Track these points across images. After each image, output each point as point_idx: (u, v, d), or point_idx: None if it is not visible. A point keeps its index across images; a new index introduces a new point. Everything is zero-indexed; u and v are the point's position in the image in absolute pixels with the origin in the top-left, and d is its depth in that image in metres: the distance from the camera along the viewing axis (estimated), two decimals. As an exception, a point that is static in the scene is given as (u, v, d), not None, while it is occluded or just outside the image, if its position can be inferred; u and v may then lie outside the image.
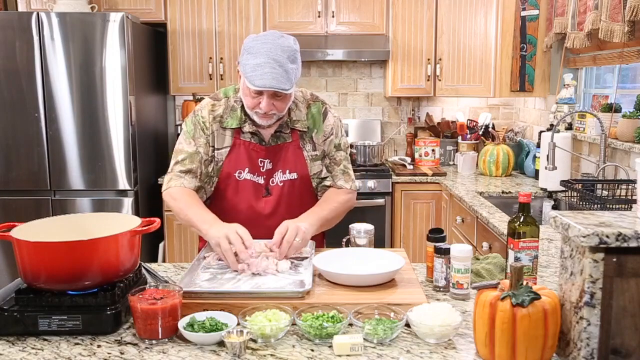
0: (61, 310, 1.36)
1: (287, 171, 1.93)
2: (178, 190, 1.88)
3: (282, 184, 1.93)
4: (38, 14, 3.35)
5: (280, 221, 1.76)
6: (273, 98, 1.78)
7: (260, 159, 1.91)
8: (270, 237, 1.74)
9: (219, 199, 1.94)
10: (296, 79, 1.79)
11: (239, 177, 1.91)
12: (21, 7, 3.86)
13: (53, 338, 1.36)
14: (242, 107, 1.90)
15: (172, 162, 1.94)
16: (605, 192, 2.67)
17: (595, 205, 2.50)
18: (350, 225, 1.88)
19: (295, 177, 1.94)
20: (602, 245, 1.12)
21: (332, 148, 2.00)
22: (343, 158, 2.02)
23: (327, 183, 2.01)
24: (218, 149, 1.92)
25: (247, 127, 1.90)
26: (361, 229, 1.84)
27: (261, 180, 1.92)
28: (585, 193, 2.59)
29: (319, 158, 1.98)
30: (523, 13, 3.82)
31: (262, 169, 1.92)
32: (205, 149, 1.91)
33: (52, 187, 3.49)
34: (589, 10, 2.96)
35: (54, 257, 1.36)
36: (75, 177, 3.48)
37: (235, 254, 1.63)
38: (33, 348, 1.31)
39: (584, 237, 1.13)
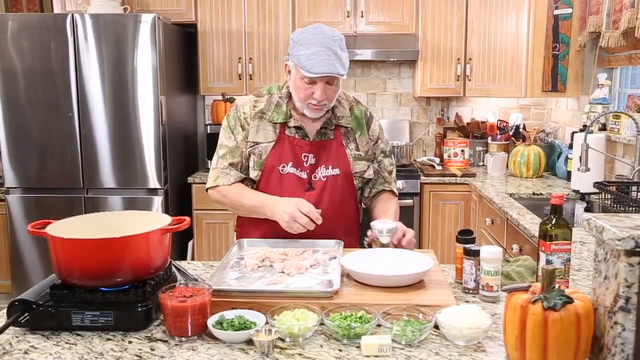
0: (94, 306, 1.38)
1: (330, 167, 1.97)
2: (226, 188, 1.96)
3: (325, 179, 1.97)
4: (73, 15, 3.42)
5: (322, 215, 1.80)
6: (326, 86, 1.84)
7: (304, 154, 1.95)
8: (312, 232, 1.80)
9: (262, 192, 1.97)
10: (347, 66, 1.86)
11: (282, 170, 1.95)
12: (56, 9, 3.95)
13: (86, 333, 1.38)
14: (288, 102, 1.95)
15: (215, 157, 2.02)
16: (640, 195, 2.61)
17: (630, 208, 2.45)
18: (371, 223, 1.85)
19: (338, 173, 1.98)
20: (637, 249, 1.10)
21: (380, 154, 2.08)
22: (392, 165, 2.12)
23: (386, 188, 2.08)
24: (260, 144, 1.95)
25: (292, 122, 1.95)
26: (383, 228, 1.81)
27: (304, 175, 1.96)
28: (619, 195, 2.54)
29: (363, 159, 2.02)
30: (556, 12, 3.75)
31: (306, 163, 1.96)
32: (243, 144, 1.97)
33: (84, 185, 3.56)
34: (625, 9, 2.90)
35: (87, 254, 1.39)
36: (107, 175, 3.55)
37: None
38: (67, 343, 1.34)
39: (619, 240, 1.10)
